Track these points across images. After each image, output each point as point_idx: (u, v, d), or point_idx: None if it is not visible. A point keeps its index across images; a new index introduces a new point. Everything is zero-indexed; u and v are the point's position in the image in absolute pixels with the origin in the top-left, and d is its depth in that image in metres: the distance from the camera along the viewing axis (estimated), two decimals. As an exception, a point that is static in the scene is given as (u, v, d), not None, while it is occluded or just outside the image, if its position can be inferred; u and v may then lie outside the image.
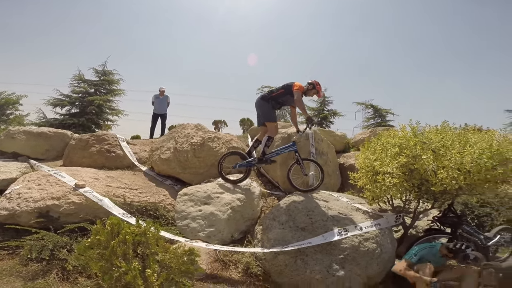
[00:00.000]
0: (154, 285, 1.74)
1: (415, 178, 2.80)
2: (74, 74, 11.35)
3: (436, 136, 2.80)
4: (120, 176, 4.44)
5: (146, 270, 1.73)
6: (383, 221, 3.18)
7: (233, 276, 2.86)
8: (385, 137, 3.22)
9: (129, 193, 3.78)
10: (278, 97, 3.92)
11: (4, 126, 16.84)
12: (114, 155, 5.10)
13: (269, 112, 3.95)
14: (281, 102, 3.99)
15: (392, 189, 2.85)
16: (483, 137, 2.74)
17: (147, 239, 1.88)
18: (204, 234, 3.28)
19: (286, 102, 4.03)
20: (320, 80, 4.04)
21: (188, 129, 5.06)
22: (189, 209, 3.57)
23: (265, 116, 3.96)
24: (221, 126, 10.89)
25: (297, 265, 2.81)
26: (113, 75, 11.63)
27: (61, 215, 3.13)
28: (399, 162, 2.77)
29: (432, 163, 2.64)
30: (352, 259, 2.80)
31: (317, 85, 3.97)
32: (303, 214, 3.18)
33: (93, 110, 10.29)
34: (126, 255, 1.77)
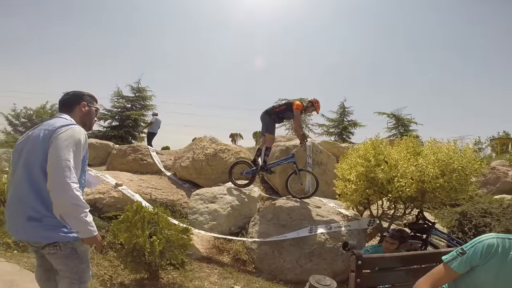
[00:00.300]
0: (156, 249, 2.59)
1: (376, 185, 3.37)
2: (114, 91, 13.25)
3: (389, 149, 3.35)
4: (149, 179, 5.50)
5: (152, 237, 2.60)
6: (354, 223, 3.73)
7: (224, 260, 3.62)
8: (356, 150, 3.82)
9: (155, 192, 4.79)
10: (280, 112, 4.64)
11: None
12: (146, 163, 6.24)
13: (270, 125, 4.67)
14: (281, 117, 4.72)
15: (354, 194, 3.43)
16: (432, 149, 3.23)
17: (158, 218, 2.76)
18: (208, 226, 4.11)
19: (287, 117, 4.76)
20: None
21: (204, 142, 6.03)
22: (199, 206, 4.44)
23: (266, 128, 4.66)
24: (237, 139, 11.93)
25: (274, 255, 3.49)
26: (146, 91, 13.34)
27: (104, 206, 4.19)
28: (357, 171, 3.37)
29: (386, 173, 3.20)
30: (319, 254, 3.40)
31: (315, 103, 4.68)
32: (285, 214, 3.87)
33: (130, 123, 11.93)
34: (143, 227, 2.66)
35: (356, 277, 1.49)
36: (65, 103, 1.66)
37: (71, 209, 1.35)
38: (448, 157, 3.08)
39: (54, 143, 1.40)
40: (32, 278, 2.58)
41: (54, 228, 1.42)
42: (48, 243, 1.43)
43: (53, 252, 1.45)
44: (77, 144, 1.45)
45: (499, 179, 6.57)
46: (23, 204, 1.42)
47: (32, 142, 1.46)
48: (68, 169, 1.36)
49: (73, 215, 1.37)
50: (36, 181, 1.42)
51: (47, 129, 1.46)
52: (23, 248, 3.31)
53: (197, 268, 3.21)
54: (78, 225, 1.39)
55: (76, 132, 1.48)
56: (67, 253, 1.47)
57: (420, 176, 3.08)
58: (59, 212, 1.38)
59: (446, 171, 3.07)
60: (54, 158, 1.37)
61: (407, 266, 1.73)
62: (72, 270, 1.52)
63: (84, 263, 1.57)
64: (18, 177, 1.45)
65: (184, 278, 2.95)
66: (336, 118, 16.73)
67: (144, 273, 2.78)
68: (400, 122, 16.15)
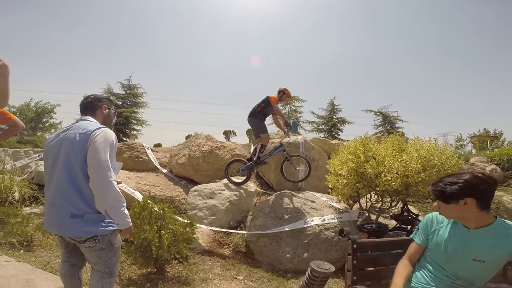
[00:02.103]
0: (164, 243, 2.76)
1: (365, 179, 3.65)
2: (105, 88, 13.06)
3: (377, 146, 3.65)
4: (146, 176, 5.60)
5: (160, 232, 2.76)
6: (345, 215, 4.02)
7: (225, 253, 3.82)
8: (347, 147, 4.09)
9: (153, 189, 4.91)
10: (261, 110, 4.85)
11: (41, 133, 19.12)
12: (141, 160, 6.31)
13: (260, 126, 4.90)
14: (264, 113, 4.93)
15: (345, 188, 3.70)
16: (415, 146, 3.55)
17: (164, 213, 2.92)
18: (207, 221, 4.29)
19: (268, 113, 4.96)
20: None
21: (200, 139, 6.17)
22: (197, 202, 4.60)
23: (258, 129, 4.90)
24: (230, 136, 12.11)
25: (272, 246, 3.73)
26: (137, 89, 13.22)
27: (104, 203, 4.29)
28: (348, 167, 3.64)
29: (374, 168, 3.48)
30: (314, 244, 3.66)
31: (285, 90, 4.95)
32: (282, 207, 4.10)
33: (121, 121, 11.83)
34: (150, 222, 2.81)
35: (353, 259, 1.73)
36: (87, 107, 1.81)
37: (115, 203, 1.55)
38: (429, 154, 3.39)
39: (92, 146, 1.55)
40: (46, 276, 2.71)
41: (94, 223, 1.59)
42: (89, 238, 1.58)
43: (92, 245, 1.61)
44: (111, 145, 1.62)
45: (477, 173, 7.07)
46: (66, 203, 1.56)
47: (69, 144, 1.59)
48: (108, 168, 1.54)
49: (116, 209, 1.56)
50: (77, 180, 1.56)
51: (81, 132, 1.61)
52: (27, 248, 3.39)
53: (200, 261, 3.40)
54: (120, 217, 1.59)
55: (109, 134, 1.65)
56: (104, 245, 1.64)
57: (404, 171, 3.38)
58: (104, 207, 1.55)
59: (427, 166, 3.38)
60: (95, 159, 1.53)
61: (395, 250, 2.00)
62: (105, 263, 1.68)
63: (116, 256, 1.73)
64: (60, 178, 1.58)
65: (189, 271, 3.13)
66: (325, 115, 17.17)
67: (151, 268, 2.94)
68: (387, 120, 16.79)
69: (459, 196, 1.33)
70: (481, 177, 1.33)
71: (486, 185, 1.31)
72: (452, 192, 1.34)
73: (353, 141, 4.08)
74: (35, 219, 3.85)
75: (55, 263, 3.03)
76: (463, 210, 1.34)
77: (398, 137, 3.85)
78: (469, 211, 1.34)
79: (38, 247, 3.43)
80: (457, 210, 1.36)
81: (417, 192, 3.54)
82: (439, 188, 1.39)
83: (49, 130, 20.05)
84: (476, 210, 1.33)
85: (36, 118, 18.82)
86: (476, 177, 1.32)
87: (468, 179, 1.32)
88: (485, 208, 1.34)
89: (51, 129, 20.06)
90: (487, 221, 1.36)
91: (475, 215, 1.35)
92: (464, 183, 1.32)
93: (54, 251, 3.36)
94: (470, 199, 1.32)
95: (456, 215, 1.40)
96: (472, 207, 1.32)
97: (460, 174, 1.37)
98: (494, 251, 1.33)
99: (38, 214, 4.14)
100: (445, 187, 1.37)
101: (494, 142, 16.07)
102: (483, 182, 1.31)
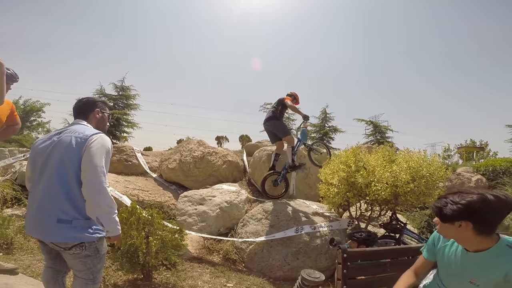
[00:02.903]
0: (152, 250, 2.70)
1: (356, 189, 3.69)
2: (97, 89, 12.83)
3: (368, 156, 3.72)
4: (135, 180, 5.49)
5: (148, 238, 2.70)
6: (335, 223, 4.03)
7: (214, 260, 3.77)
8: (338, 157, 4.14)
9: (142, 194, 4.82)
10: (282, 112, 4.93)
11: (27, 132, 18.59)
12: (131, 164, 6.20)
13: (285, 128, 4.95)
14: (283, 115, 5.03)
15: (336, 197, 3.73)
16: (405, 157, 3.63)
17: (152, 219, 2.86)
18: (197, 228, 4.22)
19: (283, 114, 5.05)
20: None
21: (192, 144, 6.12)
22: (187, 208, 4.54)
23: (283, 132, 4.87)
24: (223, 141, 12.06)
25: (263, 254, 3.70)
26: (130, 90, 13.05)
27: (91, 207, 4.17)
28: (339, 176, 3.68)
29: (364, 178, 3.53)
30: (304, 252, 3.66)
31: (296, 96, 5.11)
32: (273, 215, 4.09)
33: (111, 122, 11.59)
34: (138, 228, 2.75)
35: (343, 268, 1.74)
36: (80, 110, 1.77)
37: (108, 210, 1.52)
38: (418, 165, 3.47)
39: (88, 151, 1.52)
40: (27, 280, 2.60)
41: (82, 230, 1.54)
42: (75, 245, 1.53)
43: (78, 252, 1.55)
44: (107, 152, 1.60)
45: (464, 184, 7.24)
46: (54, 207, 1.50)
47: (64, 147, 1.54)
48: (104, 175, 1.52)
49: (109, 217, 1.53)
50: (69, 185, 1.52)
51: (78, 136, 1.57)
52: (7, 251, 3.26)
53: (189, 268, 3.34)
54: (111, 224, 1.55)
55: (106, 140, 1.62)
56: (90, 252, 1.59)
57: (393, 181, 3.44)
58: (96, 214, 1.52)
59: (416, 177, 3.45)
60: (90, 164, 1.50)
61: (384, 259, 2.03)
62: (89, 270, 1.62)
63: (101, 262, 1.69)
64: (50, 181, 1.52)
65: (177, 278, 3.06)
66: (318, 123, 17.34)
67: (138, 274, 2.86)
68: (378, 129, 17.07)
69: (455, 218, 1.23)
70: (489, 201, 1.18)
71: (490, 212, 1.18)
72: (448, 213, 1.25)
73: (344, 151, 4.14)
74: (16, 221, 3.71)
75: (36, 267, 2.93)
76: (458, 232, 1.26)
77: (388, 148, 3.92)
78: (464, 234, 1.25)
79: (18, 250, 3.31)
80: (452, 231, 1.29)
81: (405, 201, 3.60)
82: (439, 205, 1.30)
83: (37, 129, 19.49)
84: (472, 234, 1.23)
85: (24, 117, 18.28)
86: (482, 201, 1.19)
87: (471, 201, 1.20)
88: (484, 233, 1.23)
89: (38, 128, 19.52)
90: (487, 245, 1.25)
91: (471, 239, 1.25)
92: (465, 205, 1.21)
93: (35, 254, 3.25)
94: (465, 223, 1.22)
95: (452, 235, 1.33)
96: (467, 230, 1.23)
97: (467, 194, 1.25)
98: (489, 275, 1.24)
99: (20, 216, 4.00)
100: (445, 206, 1.27)
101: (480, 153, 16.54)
102: (488, 207, 1.18)
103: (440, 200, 1.32)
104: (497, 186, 6.46)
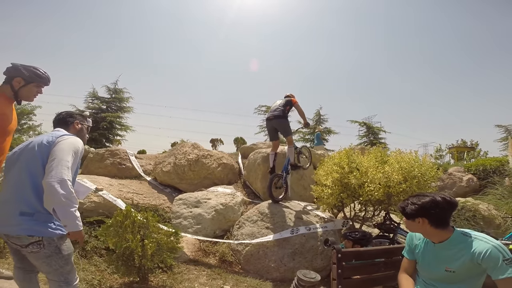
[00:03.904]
0: (148, 252, 2.69)
1: (349, 189, 3.74)
2: (89, 91, 12.70)
3: (361, 158, 3.78)
4: (129, 184, 5.45)
5: (144, 241, 2.69)
6: (330, 224, 4.07)
7: (211, 262, 3.76)
8: (332, 158, 4.19)
9: (136, 197, 4.78)
10: (288, 112, 4.97)
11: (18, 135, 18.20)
12: (125, 167, 6.15)
13: (290, 128, 4.97)
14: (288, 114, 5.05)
15: (330, 198, 3.77)
16: (397, 158, 3.69)
17: (148, 222, 2.85)
18: (192, 230, 4.21)
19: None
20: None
21: (186, 147, 6.11)
22: (182, 211, 4.52)
23: (288, 132, 4.86)
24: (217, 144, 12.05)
25: (259, 255, 3.71)
26: (123, 93, 12.94)
27: (84, 211, 4.11)
28: (333, 177, 3.72)
29: (358, 179, 3.59)
30: (300, 253, 3.68)
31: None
32: (269, 217, 4.11)
33: (104, 125, 11.48)
34: (133, 231, 2.74)
35: (338, 268, 1.77)
36: (59, 122, 1.84)
37: (65, 202, 1.46)
38: (409, 165, 3.54)
39: (57, 146, 1.57)
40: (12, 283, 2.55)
41: (42, 224, 1.53)
42: (32, 242, 1.50)
43: (36, 250, 1.52)
44: (76, 151, 1.62)
45: (455, 183, 7.39)
46: (19, 200, 1.52)
47: (37, 145, 1.60)
48: (67, 168, 1.52)
49: (65, 209, 1.48)
50: (36, 177, 1.54)
51: (50, 135, 1.65)
52: (0, 255, 3.19)
53: (185, 271, 3.32)
54: (69, 218, 1.50)
55: (77, 141, 1.68)
56: (50, 251, 1.55)
57: (386, 182, 3.49)
58: (52, 205, 1.48)
59: (408, 177, 3.51)
60: (55, 157, 1.53)
61: (378, 259, 2.07)
62: (56, 271, 1.59)
63: (69, 264, 1.64)
64: (19, 175, 1.56)
65: (173, 281, 3.05)
66: (312, 125, 17.47)
67: (134, 277, 2.85)
68: (371, 131, 17.31)
69: (414, 216, 1.53)
70: (437, 201, 1.49)
71: (438, 209, 1.48)
72: (409, 211, 1.54)
73: (337, 153, 4.19)
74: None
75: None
76: (419, 227, 1.54)
77: (380, 149, 3.99)
78: (424, 228, 1.53)
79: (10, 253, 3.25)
80: (415, 227, 1.56)
81: (398, 201, 3.64)
82: (403, 205, 1.59)
83: (28, 133, 19.11)
84: (430, 228, 1.51)
85: (14, 120, 17.86)
86: (432, 201, 1.49)
87: (424, 202, 1.50)
88: (440, 226, 1.50)
89: (29, 131, 19.14)
90: (446, 236, 1.52)
91: (432, 232, 1.53)
92: (419, 205, 1.51)
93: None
94: (422, 219, 1.51)
95: (416, 230, 1.59)
96: (425, 225, 1.51)
97: (423, 196, 1.54)
98: (458, 261, 1.47)
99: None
100: (406, 206, 1.56)
101: (470, 152, 16.86)
102: (437, 206, 1.48)
103: (404, 201, 1.61)
104: (488, 185, 6.61)
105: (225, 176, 6.13)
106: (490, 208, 5.14)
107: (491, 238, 1.44)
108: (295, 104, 4.92)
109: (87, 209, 4.13)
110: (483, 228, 4.77)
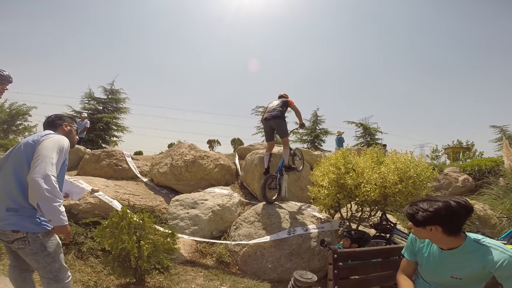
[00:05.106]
0: (144, 254, 2.68)
1: (346, 190, 3.76)
2: (85, 92, 12.62)
3: (357, 158, 3.80)
4: (126, 185, 5.42)
5: (140, 242, 2.68)
6: (327, 225, 4.08)
7: (208, 263, 3.75)
8: (328, 159, 4.21)
9: (133, 198, 4.76)
10: (285, 112, 4.94)
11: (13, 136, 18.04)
12: (121, 168, 6.12)
13: (287, 128, 4.92)
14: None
15: (327, 199, 3.79)
16: (393, 159, 3.72)
17: (144, 223, 2.84)
18: (189, 231, 4.20)
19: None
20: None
21: (183, 148, 6.09)
22: (179, 212, 4.51)
23: (285, 133, 4.83)
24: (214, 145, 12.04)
25: (256, 256, 3.71)
26: (119, 93, 12.87)
27: (80, 212, 4.08)
28: (329, 178, 3.74)
29: (354, 180, 3.61)
30: (297, 253, 3.68)
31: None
32: (266, 217, 4.11)
33: (101, 126, 11.40)
34: (129, 232, 2.72)
35: (334, 269, 1.77)
36: (49, 125, 1.88)
37: (49, 197, 1.49)
38: (405, 166, 3.56)
39: (42, 144, 1.61)
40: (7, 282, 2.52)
41: (26, 219, 1.56)
42: (17, 238, 1.53)
43: (22, 246, 1.55)
44: (60, 148, 1.65)
45: (451, 184, 7.46)
46: (6, 197, 1.57)
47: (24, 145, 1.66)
48: (51, 164, 1.54)
49: (49, 203, 1.50)
50: (22, 174, 1.57)
51: (36, 135, 1.71)
52: (-3, 257, 3.16)
53: (182, 272, 3.31)
54: (53, 213, 1.53)
55: (62, 138, 1.71)
56: (36, 248, 1.57)
57: (382, 183, 3.52)
58: (36, 200, 1.50)
59: (403, 178, 3.54)
60: (40, 154, 1.56)
61: (374, 259, 2.08)
62: (45, 268, 1.62)
63: (56, 262, 1.65)
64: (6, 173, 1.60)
65: (170, 282, 3.04)
66: (309, 126, 17.50)
67: (130, 278, 2.83)
68: (367, 131, 17.40)
69: (426, 223, 1.40)
70: (453, 207, 1.36)
71: (455, 217, 1.36)
72: (420, 219, 1.41)
73: (334, 153, 4.21)
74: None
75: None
76: (430, 234, 1.43)
77: (376, 150, 4.01)
78: (436, 236, 1.42)
79: (6, 255, 3.22)
80: (425, 234, 1.45)
81: (394, 202, 3.68)
82: (411, 212, 1.45)
83: (23, 133, 18.94)
84: (442, 236, 1.40)
85: (9, 120, 17.73)
86: (447, 207, 1.36)
87: (438, 209, 1.37)
88: (453, 234, 1.39)
89: (24, 132, 18.97)
90: (457, 244, 1.42)
91: (443, 239, 1.42)
92: (432, 212, 1.37)
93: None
94: (435, 227, 1.38)
95: (425, 237, 1.49)
96: (438, 233, 1.39)
97: (434, 201, 1.41)
98: (467, 269, 1.39)
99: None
100: (416, 212, 1.43)
101: (466, 153, 17.02)
102: (453, 213, 1.35)
103: (412, 207, 1.47)
104: (483, 185, 6.67)
105: (222, 177, 6.12)
106: (485, 208, 5.20)
107: (506, 248, 1.36)
108: (291, 104, 4.94)
109: (83, 210, 4.10)
110: (478, 228, 4.82)
